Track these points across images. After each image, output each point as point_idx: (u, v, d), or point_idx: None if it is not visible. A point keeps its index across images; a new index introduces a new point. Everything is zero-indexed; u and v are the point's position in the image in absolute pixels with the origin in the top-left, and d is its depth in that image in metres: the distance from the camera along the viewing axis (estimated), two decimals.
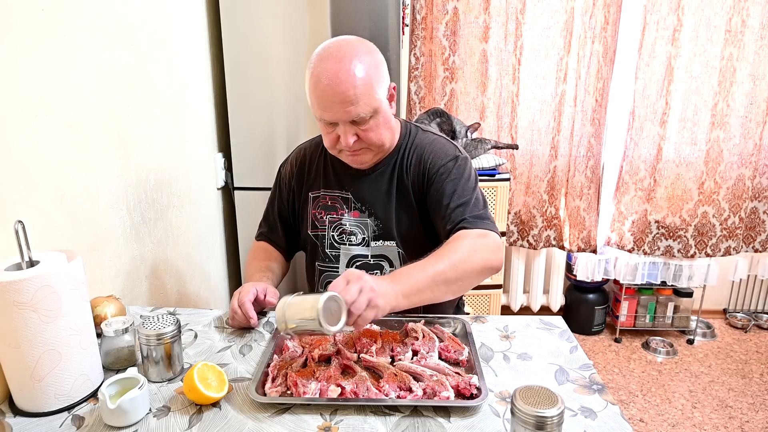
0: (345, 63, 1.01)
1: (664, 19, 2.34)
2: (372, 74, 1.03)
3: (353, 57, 1.02)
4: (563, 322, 1.12)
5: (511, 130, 2.48)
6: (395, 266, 1.19)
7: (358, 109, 1.02)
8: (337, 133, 1.07)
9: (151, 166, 1.42)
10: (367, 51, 1.05)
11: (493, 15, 2.35)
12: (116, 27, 1.24)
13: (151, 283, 1.43)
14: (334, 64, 1.01)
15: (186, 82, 1.64)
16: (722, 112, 2.42)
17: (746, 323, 2.84)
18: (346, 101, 1.01)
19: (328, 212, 1.21)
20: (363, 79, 1.01)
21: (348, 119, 1.04)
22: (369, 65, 1.03)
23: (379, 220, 1.17)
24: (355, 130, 1.06)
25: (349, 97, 1.01)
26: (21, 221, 0.81)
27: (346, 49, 1.03)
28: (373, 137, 1.08)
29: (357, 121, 1.04)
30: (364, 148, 1.10)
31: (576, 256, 2.66)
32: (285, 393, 0.86)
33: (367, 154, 1.12)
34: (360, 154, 1.11)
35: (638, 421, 2.11)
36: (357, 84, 1.01)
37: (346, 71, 1.00)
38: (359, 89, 1.01)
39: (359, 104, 1.02)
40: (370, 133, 1.07)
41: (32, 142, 0.97)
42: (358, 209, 1.19)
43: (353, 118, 1.04)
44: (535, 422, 0.66)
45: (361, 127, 1.06)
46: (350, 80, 1.00)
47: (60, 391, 0.83)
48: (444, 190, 1.11)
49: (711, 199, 2.53)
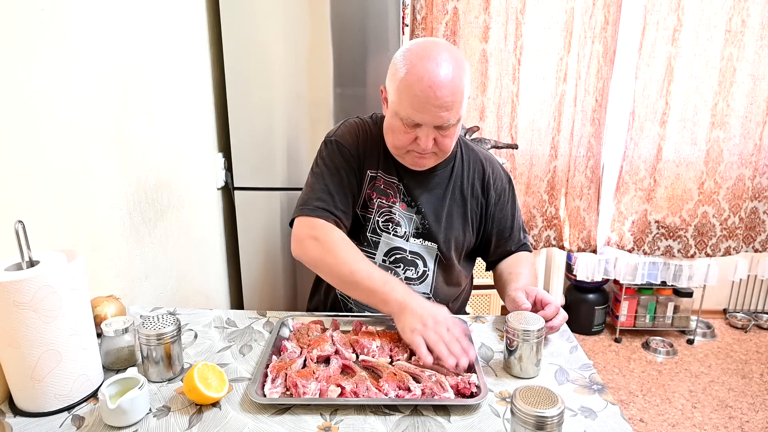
0: (447, 68, 1.00)
1: (664, 19, 2.34)
2: (466, 83, 1.04)
3: (453, 63, 1.01)
4: None
5: (511, 130, 2.48)
6: (429, 266, 1.19)
7: (450, 116, 1.02)
8: (416, 134, 1.06)
9: (151, 166, 1.42)
10: (462, 59, 1.05)
11: (493, 15, 2.35)
12: (116, 27, 1.24)
13: (151, 283, 1.43)
14: (436, 67, 0.99)
15: (186, 82, 1.64)
16: (722, 112, 2.42)
17: (746, 323, 2.84)
18: (442, 106, 1.00)
19: (380, 196, 1.18)
20: (459, 87, 1.01)
21: (439, 124, 1.03)
22: (464, 73, 1.03)
23: (426, 219, 1.18)
24: (436, 134, 1.06)
25: (446, 103, 1.00)
26: (21, 221, 0.81)
27: (447, 54, 1.01)
28: (448, 144, 1.09)
29: (442, 126, 1.04)
30: (432, 152, 1.10)
31: (576, 256, 2.66)
32: (285, 393, 0.86)
33: (432, 158, 1.12)
34: (426, 157, 1.11)
35: (638, 421, 2.11)
36: (455, 91, 1.01)
37: (448, 77, 1.00)
38: (456, 96, 1.01)
39: (452, 111, 1.02)
40: (448, 139, 1.07)
41: (32, 142, 0.97)
42: (407, 202, 1.18)
43: (443, 124, 1.03)
44: (535, 422, 0.66)
45: (443, 132, 1.06)
46: (450, 86, 1.00)
47: (60, 391, 0.83)
48: (509, 212, 1.25)
49: (711, 199, 2.53)
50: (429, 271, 1.20)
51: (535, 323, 0.90)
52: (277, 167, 1.95)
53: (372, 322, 1.09)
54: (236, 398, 0.86)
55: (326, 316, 1.11)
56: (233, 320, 1.15)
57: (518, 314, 0.93)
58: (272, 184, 1.96)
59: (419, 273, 1.19)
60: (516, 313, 0.93)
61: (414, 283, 1.19)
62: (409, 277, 1.19)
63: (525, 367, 0.91)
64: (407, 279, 1.19)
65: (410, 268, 1.19)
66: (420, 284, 1.20)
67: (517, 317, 0.92)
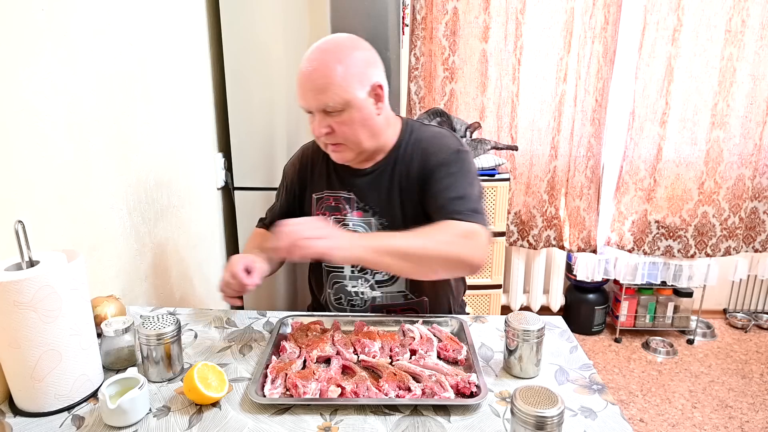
0: (323, 53, 1.05)
1: (664, 19, 2.34)
2: (349, 67, 1.04)
3: (334, 50, 1.05)
4: (563, 322, 1.12)
5: (511, 130, 2.48)
6: None
7: (327, 98, 1.04)
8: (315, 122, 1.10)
9: (151, 166, 1.42)
10: (352, 46, 1.07)
11: (493, 15, 2.35)
12: (116, 27, 1.24)
13: (151, 283, 1.43)
14: (314, 53, 1.06)
15: (186, 82, 1.64)
16: (722, 112, 2.42)
17: (746, 323, 2.84)
18: (314, 89, 1.04)
19: (332, 213, 1.21)
20: (336, 70, 1.03)
21: (318, 107, 1.06)
22: (348, 59, 1.05)
23: (384, 218, 1.17)
24: (328, 121, 1.07)
25: (317, 86, 1.04)
26: (21, 221, 0.81)
27: (330, 42, 1.07)
28: (346, 131, 1.08)
29: (329, 111, 1.06)
30: (341, 144, 1.11)
31: (576, 256, 2.66)
32: (285, 394, 0.86)
33: (347, 151, 1.12)
34: (339, 150, 1.12)
35: (638, 421, 2.11)
36: (326, 74, 1.03)
37: (321, 60, 1.04)
38: (328, 79, 1.03)
39: (328, 93, 1.04)
40: (344, 126, 1.08)
41: (32, 142, 0.97)
42: (362, 209, 1.19)
43: (323, 107, 1.05)
44: (535, 422, 0.66)
45: (335, 119, 1.07)
46: (322, 69, 1.03)
47: (60, 391, 0.83)
48: (442, 182, 1.11)
49: (711, 199, 2.53)
50: None
51: (535, 323, 0.90)
52: (277, 167, 1.95)
53: (373, 322, 1.09)
54: (236, 398, 0.86)
55: (326, 316, 1.11)
56: (233, 320, 1.15)
57: (518, 314, 0.93)
58: (272, 184, 1.96)
59: (389, 273, 1.19)
60: (516, 313, 0.94)
61: (387, 284, 1.19)
62: (379, 280, 1.19)
63: (525, 367, 0.91)
64: (379, 282, 1.19)
65: (380, 271, 1.19)
66: (393, 284, 1.19)
67: (517, 317, 0.92)
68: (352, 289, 1.21)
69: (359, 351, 0.97)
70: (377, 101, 1.10)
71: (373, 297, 1.20)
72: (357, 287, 1.20)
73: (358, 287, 1.20)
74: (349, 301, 1.22)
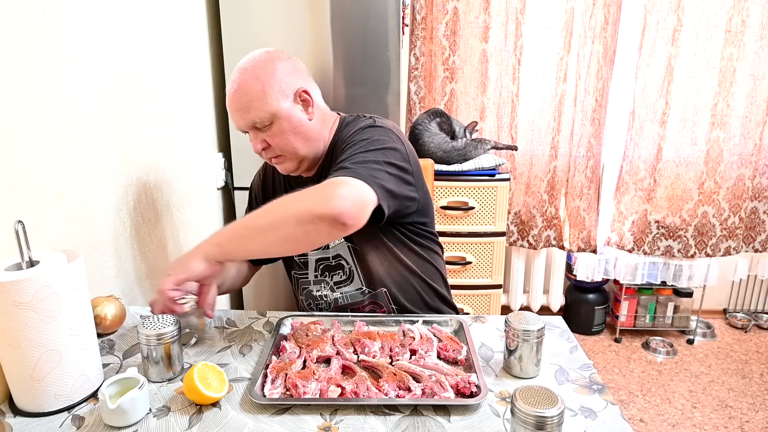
0: (242, 73, 1.07)
1: (664, 19, 2.34)
2: (266, 81, 1.06)
3: (252, 67, 1.07)
4: (563, 322, 1.12)
5: (511, 130, 2.48)
6: (350, 262, 1.19)
7: (252, 116, 1.07)
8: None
9: (151, 166, 1.42)
10: (269, 59, 1.08)
11: (493, 15, 2.35)
12: (116, 27, 1.24)
13: (151, 283, 1.43)
14: (235, 74, 1.08)
15: (186, 82, 1.64)
16: (722, 112, 2.42)
17: (746, 323, 2.84)
18: (240, 108, 1.07)
19: None
20: (255, 86, 1.05)
21: (247, 125, 1.09)
22: (265, 73, 1.06)
23: None
24: (262, 136, 1.10)
25: (242, 104, 1.06)
26: (21, 221, 0.81)
27: (248, 61, 1.09)
28: (279, 143, 1.10)
29: (258, 127, 1.09)
30: (279, 155, 1.13)
31: (576, 256, 2.66)
32: (285, 394, 0.86)
33: (287, 161, 1.14)
34: (280, 162, 1.14)
35: (638, 421, 2.11)
36: (246, 92, 1.06)
37: (241, 80, 1.07)
38: (248, 97, 1.06)
39: (251, 111, 1.06)
40: (276, 138, 1.09)
41: (32, 142, 0.97)
42: None
43: (252, 125, 1.08)
44: (535, 422, 0.66)
45: (266, 133, 1.09)
46: (242, 88, 1.06)
47: (60, 392, 0.83)
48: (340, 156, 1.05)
49: (711, 199, 2.53)
50: (351, 266, 1.19)
51: (535, 323, 0.90)
52: None
53: (373, 322, 1.09)
54: (236, 398, 0.86)
55: (326, 316, 1.12)
56: (233, 320, 1.15)
57: (518, 314, 0.93)
58: None
59: (346, 272, 1.19)
60: (516, 313, 0.94)
61: (345, 284, 1.20)
62: (338, 281, 1.20)
63: (525, 367, 0.91)
64: (337, 283, 1.20)
65: (337, 272, 1.20)
66: (350, 283, 1.20)
67: (517, 317, 0.92)
68: (316, 293, 1.23)
69: (359, 351, 0.97)
70: (306, 106, 1.12)
71: (335, 299, 1.21)
72: (320, 290, 1.22)
73: (321, 290, 1.22)
74: (316, 305, 1.24)
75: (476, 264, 2.24)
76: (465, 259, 2.22)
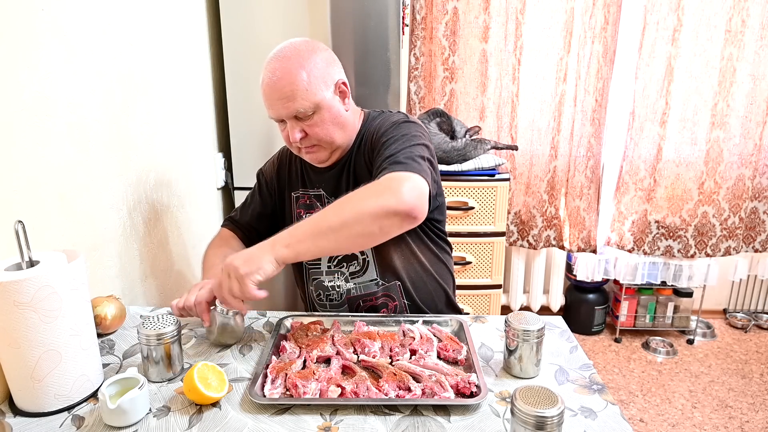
0: (284, 62, 1.06)
1: (664, 19, 2.34)
2: (311, 71, 1.06)
3: (292, 56, 1.06)
4: (563, 322, 1.12)
5: (511, 130, 2.48)
6: (367, 254, 1.19)
7: (297, 105, 1.06)
8: (288, 130, 1.11)
9: (151, 166, 1.42)
10: (309, 50, 1.08)
11: (493, 15, 2.35)
12: (116, 27, 1.24)
13: (151, 283, 1.43)
14: (275, 63, 1.07)
15: (186, 82, 1.65)
16: (722, 112, 2.42)
17: (746, 323, 2.84)
18: (283, 97, 1.06)
19: (308, 211, 1.24)
20: (299, 75, 1.05)
21: (289, 115, 1.07)
22: (309, 62, 1.06)
23: None
24: (301, 126, 1.09)
25: (285, 94, 1.05)
26: (21, 221, 0.81)
27: (288, 49, 1.08)
28: (319, 133, 1.10)
29: (300, 117, 1.08)
30: (315, 145, 1.13)
31: (576, 256, 2.66)
32: (285, 394, 0.86)
33: (321, 151, 1.14)
34: (314, 151, 1.14)
35: (638, 421, 2.11)
36: (293, 80, 1.05)
37: (284, 69, 1.05)
38: (294, 85, 1.05)
39: (296, 100, 1.05)
40: (316, 128, 1.10)
41: (32, 142, 0.97)
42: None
43: (294, 114, 1.07)
44: (535, 422, 0.66)
45: (306, 123, 1.09)
46: (286, 77, 1.05)
47: (60, 391, 0.83)
48: (380, 152, 1.07)
49: (711, 199, 2.53)
50: (368, 257, 1.20)
51: (535, 323, 0.90)
52: None
53: (373, 322, 1.09)
54: (236, 398, 0.86)
55: (326, 316, 1.12)
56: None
57: (518, 314, 0.93)
58: None
59: (361, 263, 1.20)
60: (516, 313, 0.94)
61: (359, 274, 1.20)
62: (353, 272, 1.21)
63: (525, 367, 0.91)
64: (352, 274, 1.21)
65: (352, 263, 1.21)
66: (364, 273, 1.20)
67: (517, 317, 0.92)
68: (328, 283, 1.23)
69: (359, 351, 0.97)
70: (343, 98, 1.13)
71: (348, 289, 1.21)
72: (333, 281, 1.22)
73: (334, 281, 1.22)
74: (327, 296, 1.24)
75: (476, 264, 2.24)
76: (465, 259, 2.22)
